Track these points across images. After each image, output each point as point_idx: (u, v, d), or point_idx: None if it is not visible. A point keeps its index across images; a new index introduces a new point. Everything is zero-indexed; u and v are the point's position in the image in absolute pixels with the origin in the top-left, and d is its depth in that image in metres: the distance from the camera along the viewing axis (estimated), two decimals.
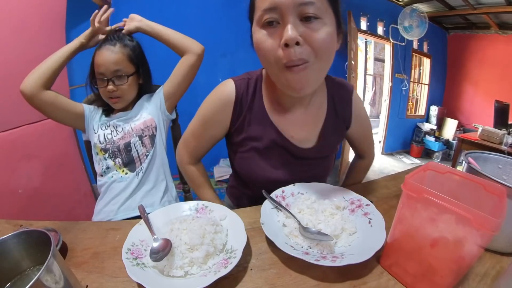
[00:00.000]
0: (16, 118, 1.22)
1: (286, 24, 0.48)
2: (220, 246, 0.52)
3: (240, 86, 0.68)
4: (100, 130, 0.93)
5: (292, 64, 0.51)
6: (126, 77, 0.89)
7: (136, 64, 0.93)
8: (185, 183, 1.20)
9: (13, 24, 1.19)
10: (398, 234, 0.47)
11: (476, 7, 3.50)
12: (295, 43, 0.48)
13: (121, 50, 0.88)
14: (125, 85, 0.89)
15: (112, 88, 0.87)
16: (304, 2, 0.47)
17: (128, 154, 0.91)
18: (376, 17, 3.74)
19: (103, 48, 0.88)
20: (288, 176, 0.73)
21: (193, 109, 0.99)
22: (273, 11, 0.49)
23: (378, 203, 0.65)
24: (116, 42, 0.89)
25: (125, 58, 0.89)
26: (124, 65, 0.88)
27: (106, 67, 0.86)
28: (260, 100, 0.69)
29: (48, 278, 0.31)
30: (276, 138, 0.70)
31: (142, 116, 0.95)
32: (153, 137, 0.95)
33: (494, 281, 0.47)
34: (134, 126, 0.93)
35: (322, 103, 0.73)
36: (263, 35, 0.52)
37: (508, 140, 2.43)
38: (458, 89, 4.61)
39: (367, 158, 0.91)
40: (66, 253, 0.54)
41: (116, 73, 0.87)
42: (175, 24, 1.36)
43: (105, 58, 0.86)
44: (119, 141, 0.92)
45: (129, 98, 0.94)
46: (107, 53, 0.86)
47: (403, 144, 4.66)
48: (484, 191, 0.44)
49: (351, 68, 2.95)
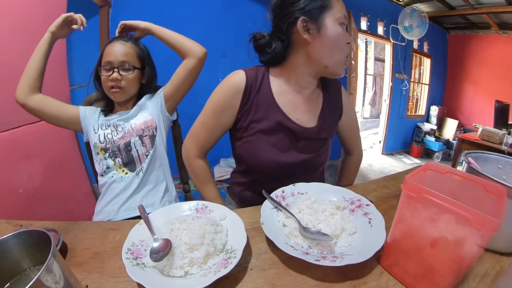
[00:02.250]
0: (17, 118, 1.22)
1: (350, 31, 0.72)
2: (220, 246, 0.52)
3: (250, 75, 0.75)
4: (100, 130, 0.93)
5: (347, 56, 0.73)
6: (133, 68, 0.91)
7: (143, 63, 0.96)
8: (185, 183, 1.20)
9: (13, 24, 1.19)
10: (398, 234, 0.47)
11: (476, 7, 3.49)
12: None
13: (132, 46, 0.93)
14: (130, 76, 0.91)
15: (116, 76, 0.88)
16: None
17: (128, 154, 0.91)
18: (376, 17, 3.73)
19: (116, 41, 0.92)
20: (292, 158, 0.78)
21: (193, 110, 0.99)
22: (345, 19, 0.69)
23: (378, 203, 0.65)
24: (129, 40, 0.94)
25: (135, 53, 0.93)
26: (132, 59, 0.92)
27: (115, 56, 0.89)
28: (267, 86, 0.76)
29: (48, 278, 0.31)
30: (282, 119, 0.75)
31: (143, 116, 0.95)
32: (153, 137, 0.95)
33: (494, 281, 0.47)
34: (135, 125, 0.93)
35: (319, 93, 0.84)
36: (342, 31, 0.68)
37: (508, 140, 2.42)
38: (458, 89, 4.60)
39: (355, 154, 0.98)
40: (66, 253, 0.54)
41: (123, 64, 0.89)
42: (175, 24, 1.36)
43: (116, 49, 0.90)
44: (119, 141, 0.92)
45: (130, 92, 0.94)
46: (119, 45, 0.90)
47: (403, 144, 4.65)
48: (484, 191, 0.44)
49: (351, 68, 2.95)
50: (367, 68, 5.46)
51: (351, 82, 2.90)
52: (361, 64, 4.90)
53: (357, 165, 1.00)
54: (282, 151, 0.77)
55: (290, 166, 0.78)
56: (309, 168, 0.82)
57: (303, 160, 0.79)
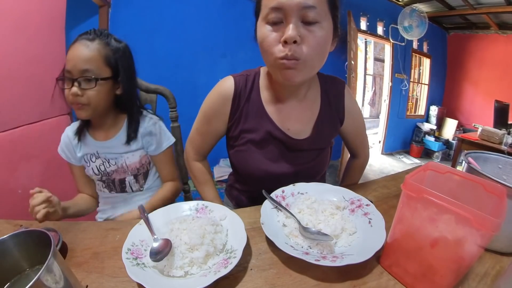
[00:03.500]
0: (17, 118, 1.22)
1: (288, 23, 0.55)
2: (220, 246, 0.52)
3: (239, 82, 0.72)
4: (91, 162, 0.85)
5: (286, 58, 0.57)
6: (94, 80, 0.72)
7: (114, 69, 0.76)
8: (185, 183, 1.20)
9: (13, 23, 1.19)
10: (398, 234, 0.47)
11: (476, 7, 3.50)
12: (293, 41, 0.55)
13: (98, 48, 0.73)
14: (93, 91, 0.72)
15: (76, 91, 0.70)
16: (307, 6, 0.53)
17: (123, 189, 0.89)
18: (376, 17, 3.74)
19: (78, 41, 0.72)
20: (284, 169, 0.75)
21: (193, 110, 0.99)
22: (278, 11, 0.55)
23: (378, 203, 0.65)
24: (96, 38, 0.74)
25: (100, 58, 0.73)
26: (96, 66, 0.72)
27: (74, 64, 0.70)
28: (257, 94, 0.73)
29: (48, 278, 0.31)
30: (271, 130, 0.72)
31: (138, 153, 0.86)
32: (147, 172, 0.91)
33: (494, 281, 0.47)
34: (129, 163, 0.85)
35: (316, 97, 0.76)
36: (267, 30, 0.58)
37: (508, 140, 2.43)
38: (458, 89, 4.61)
39: (361, 157, 0.92)
40: (66, 253, 0.54)
41: (85, 74, 0.71)
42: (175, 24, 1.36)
43: (76, 54, 0.71)
44: (113, 174, 0.86)
45: (98, 108, 0.76)
46: (81, 48, 0.71)
47: (403, 144, 4.66)
48: (484, 191, 0.44)
49: (351, 68, 2.95)
50: (367, 68, 5.46)
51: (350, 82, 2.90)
52: (361, 64, 4.90)
53: (363, 167, 0.95)
54: (273, 161, 0.74)
55: (282, 176, 0.74)
56: (304, 177, 0.74)
57: (295, 171, 0.75)
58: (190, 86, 2.46)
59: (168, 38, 2.39)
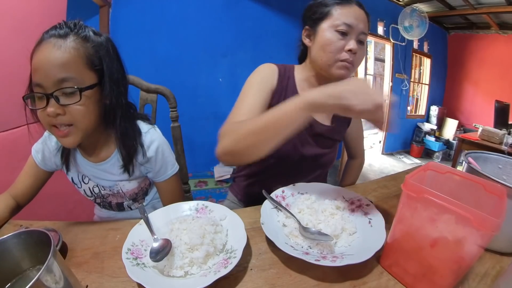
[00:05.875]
0: (17, 118, 1.22)
1: (351, 39, 0.71)
2: (220, 246, 0.52)
3: (280, 66, 0.81)
4: (83, 184, 0.73)
5: (347, 61, 0.72)
6: (79, 91, 0.53)
7: (99, 72, 0.57)
8: (185, 183, 1.20)
9: (12, 23, 1.19)
10: (398, 234, 0.47)
11: (476, 7, 3.49)
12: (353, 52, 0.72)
13: (75, 46, 0.53)
14: (77, 106, 0.53)
15: (53, 110, 0.52)
16: (364, 32, 0.73)
17: (121, 209, 0.82)
18: (376, 17, 3.73)
19: (46, 41, 0.52)
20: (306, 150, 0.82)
21: (193, 110, 0.98)
22: (349, 27, 0.70)
23: (378, 203, 0.65)
24: (69, 32, 0.54)
25: (80, 60, 0.53)
26: (76, 72, 0.53)
27: (46, 73, 0.51)
28: (293, 82, 0.82)
29: (48, 278, 0.31)
30: None
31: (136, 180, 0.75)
32: (146, 192, 0.82)
33: (494, 281, 0.47)
34: (126, 190, 0.74)
35: None
36: (336, 37, 0.71)
37: (508, 140, 2.42)
38: (458, 89, 4.60)
39: (359, 157, 1.03)
40: (66, 253, 0.54)
41: (62, 85, 0.51)
42: (176, 24, 1.37)
43: (45, 59, 0.51)
44: (109, 197, 0.76)
45: (87, 128, 0.58)
46: (50, 51, 0.51)
47: (403, 144, 4.65)
48: (484, 191, 0.44)
49: None
50: (367, 68, 5.44)
51: None
52: (361, 64, 4.90)
53: (360, 168, 1.05)
54: (300, 142, 0.82)
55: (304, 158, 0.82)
56: (318, 165, 0.86)
57: (315, 154, 0.84)
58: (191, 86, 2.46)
59: (168, 38, 2.39)
